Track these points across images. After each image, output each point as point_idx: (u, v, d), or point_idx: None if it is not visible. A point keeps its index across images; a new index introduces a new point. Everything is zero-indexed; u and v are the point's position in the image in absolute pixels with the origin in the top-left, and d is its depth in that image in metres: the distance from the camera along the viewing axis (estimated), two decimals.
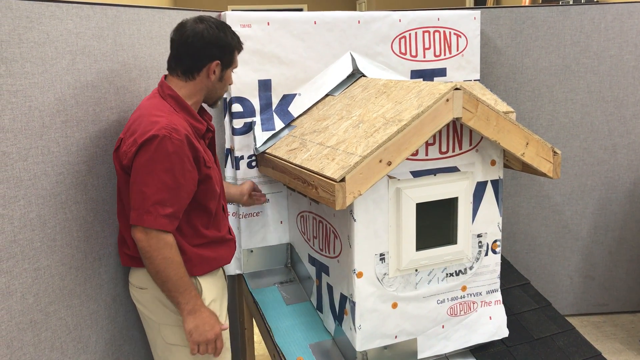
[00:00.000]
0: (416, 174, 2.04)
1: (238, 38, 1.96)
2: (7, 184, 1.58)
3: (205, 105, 2.05)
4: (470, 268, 2.20)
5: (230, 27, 1.92)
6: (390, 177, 2.00)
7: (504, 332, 2.29)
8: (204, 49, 1.86)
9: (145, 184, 1.74)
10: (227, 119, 2.46)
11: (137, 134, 1.77)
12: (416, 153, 2.03)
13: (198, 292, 1.89)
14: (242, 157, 2.45)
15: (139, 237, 1.76)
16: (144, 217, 1.74)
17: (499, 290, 2.29)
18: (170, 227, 1.77)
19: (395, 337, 2.11)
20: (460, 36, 2.80)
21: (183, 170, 1.76)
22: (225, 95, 2.47)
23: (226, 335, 1.99)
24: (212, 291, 1.97)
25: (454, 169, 2.10)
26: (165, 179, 1.74)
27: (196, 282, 1.93)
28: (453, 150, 2.09)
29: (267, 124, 2.45)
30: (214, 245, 1.97)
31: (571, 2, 4.31)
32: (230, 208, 2.51)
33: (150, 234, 1.74)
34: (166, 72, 1.95)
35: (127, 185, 1.82)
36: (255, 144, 2.41)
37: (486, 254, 2.22)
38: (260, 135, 2.42)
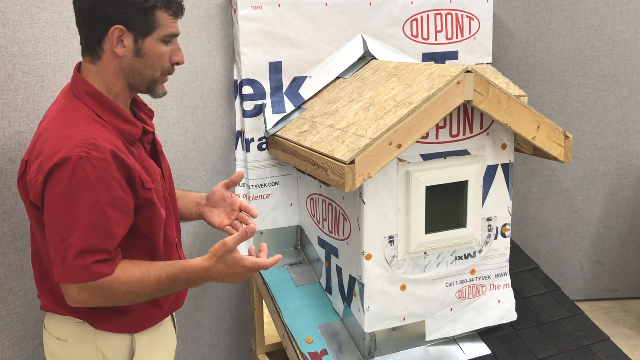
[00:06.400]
0: (426, 156, 2.04)
1: None
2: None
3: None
4: (480, 251, 2.21)
5: None
6: (400, 159, 2.00)
7: (513, 316, 2.30)
8: (96, 10, 1.33)
9: (65, 228, 1.29)
10: (237, 101, 2.47)
11: (42, 156, 1.30)
12: (426, 136, 2.02)
13: (131, 351, 1.50)
14: (252, 140, 2.46)
15: (76, 297, 1.33)
16: (71, 273, 1.30)
17: (508, 273, 2.29)
18: (111, 268, 1.34)
19: (404, 319, 2.12)
20: (472, 19, 2.77)
21: (113, 200, 1.32)
22: (235, 78, 2.47)
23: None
24: (156, 354, 1.57)
25: (464, 152, 2.09)
26: (90, 217, 1.29)
27: (132, 341, 1.50)
28: (463, 134, 2.08)
29: (277, 107, 2.45)
30: None
31: None
32: (240, 189, 2.51)
33: (91, 289, 1.33)
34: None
35: (38, 224, 1.40)
36: (266, 127, 2.41)
37: (495, 238, 2.22)
38: (271, 117, 2.42)
